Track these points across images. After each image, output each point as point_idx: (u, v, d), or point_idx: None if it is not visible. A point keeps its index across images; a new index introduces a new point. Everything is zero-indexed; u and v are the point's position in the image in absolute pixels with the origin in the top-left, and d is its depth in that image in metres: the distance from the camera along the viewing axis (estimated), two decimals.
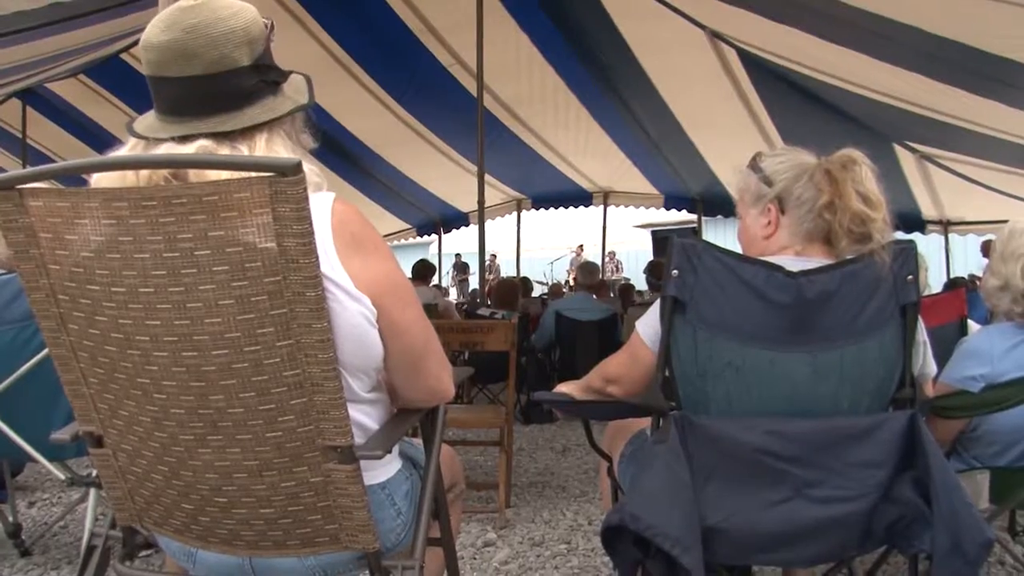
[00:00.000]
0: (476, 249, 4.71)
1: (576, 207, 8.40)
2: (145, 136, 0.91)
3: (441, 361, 1.02)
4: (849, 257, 1.10)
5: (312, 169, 0.88)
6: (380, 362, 0.94)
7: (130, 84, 4.63)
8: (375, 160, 6.63)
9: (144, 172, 0.85)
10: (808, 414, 1.07)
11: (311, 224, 0.79)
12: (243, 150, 0.88)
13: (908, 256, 1.08)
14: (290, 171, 0.77)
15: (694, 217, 8.16)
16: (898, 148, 5.03)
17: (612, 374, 1.26)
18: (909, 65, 3.41)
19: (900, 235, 1.14)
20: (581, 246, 13.46)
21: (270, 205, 0.78)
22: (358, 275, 0.87)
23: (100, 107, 5.30)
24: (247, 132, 0.89)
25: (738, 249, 1.24)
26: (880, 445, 1.06)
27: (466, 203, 8.18)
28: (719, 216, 7.61)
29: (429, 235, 9.80)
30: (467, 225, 9.07)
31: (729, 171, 1.28)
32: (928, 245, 3.89)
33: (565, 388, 1.41)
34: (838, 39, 3.42)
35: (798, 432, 1.06)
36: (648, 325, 1.19)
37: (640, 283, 9.21)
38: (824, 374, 1.06)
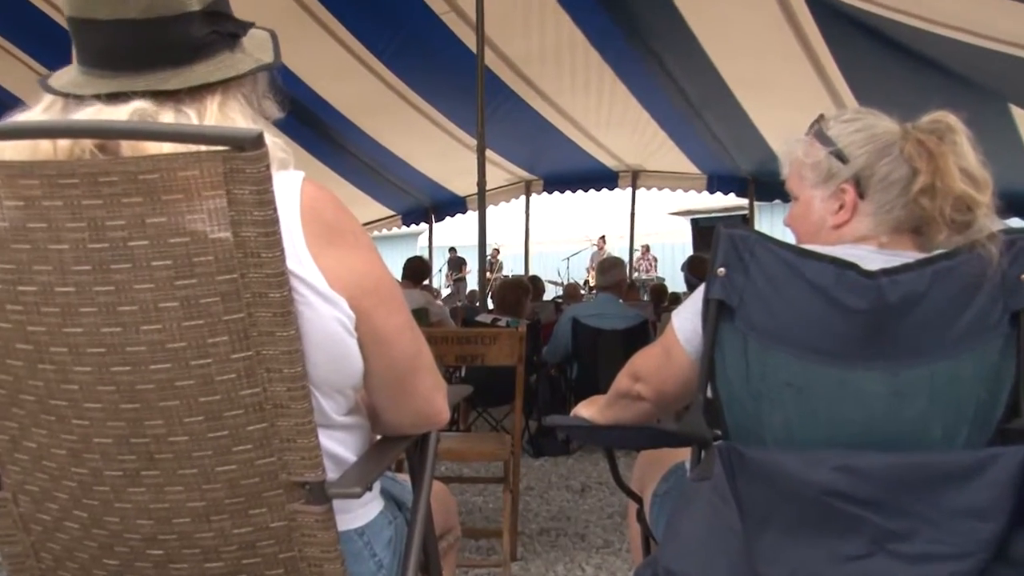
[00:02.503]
0: (475, 242, 4.72)
1: (598, 190, 8.43)
2: (64, 93, 0.88)
3: (433, 378, 1.03)
4: (943, 251, 1.09)
5: (277, 143, 0.88)
6: (359, 379, 0.94)
7: (51, 41, 4.64)
8: (352, 132, 6.65)
9: (63, 142, 0.84)
10: (889, 446, 1.06)
11: (275, 210, 0.79)
12: (191, 116, 0.88)
13: (1022, 250, 1.07)
14: (249, 144, 0.77)
15: (744, 202, 8.17)
16: (1016, 110, 4.79)
17: (641, 369, 1.27)
18: None
19: (1015, 222, 1.12)
20: (603, 238, 13.48)
21: (224, 186, 0.78)
22: (333, 272, 0.87)
23: (7, 67, 5.29)
24: (196, 93, 0.88)
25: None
26: (988, 489, 1.04)
27: (463, 185, 8.21)
28: (776, 201, 7.61)
29: (418, 224, 9.84)
30: (464, 212, 9.11)
31: (784, 141, 1.27)
32: None
33: (585, 411, 1.41)
34: None
35: (876, 469, 1.05)
36: (686, 319, 1.18)
37: (677, 284, 9.19)
38: (909, 397, 1.05)
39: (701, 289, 1.13)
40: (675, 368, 1.20)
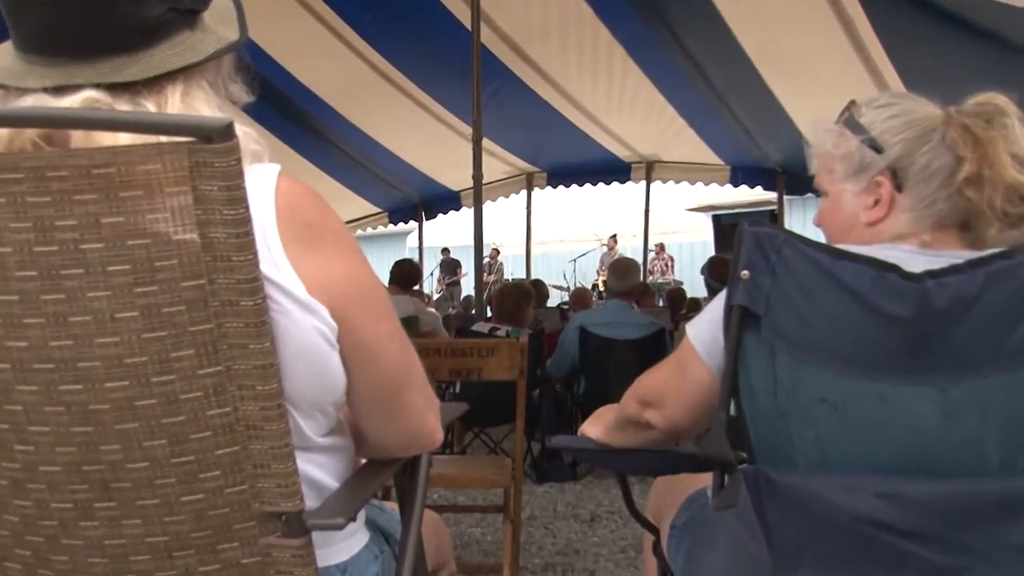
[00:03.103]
0: (470, 242, 4.73)
1: (608, 183, 8.47)
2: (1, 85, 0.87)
3: (425, 394, 1.03)
4: (998, 250, 1.08)
5: (248, 133, 0.88)
6: (342, 396, 0.94)
7: None
8: (333, 120, 6.68)
9: (3, 132, 0.83)
10: (938, 472, 1.05)
11: (247, 208, 0.79)
12: (150, 109, 0.87)
13: None
14: (218, 135, 0.77)
15: (773, 196, 8.20)
16: None
17: (651, 393, 1.27)
18: None
19: None
20: (614, 237, 13.50)
21: (190, 181, 0.78)
22: (313, 277, 0.87)
23: None
24: (154, 83, 0.88)
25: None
26: None
27: (457, 179, 8.22)
28: (808, 195, 7.61)
29: (406, 222, 9.87)
30: (458, 209, 9.15)
31: (813, 130, 1.27)
32: None
33: (591, 430, 1.41)
34: None
35: (924, 497, 1.04)
36: (703, 329, 1.19)
37: (696, 288, 9.19)
38: (960, 416, 1.05)
39: (721, 296, 1.13)
40: (692, 387, 1.19)
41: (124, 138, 0.82)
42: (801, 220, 13.54)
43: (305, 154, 7.04)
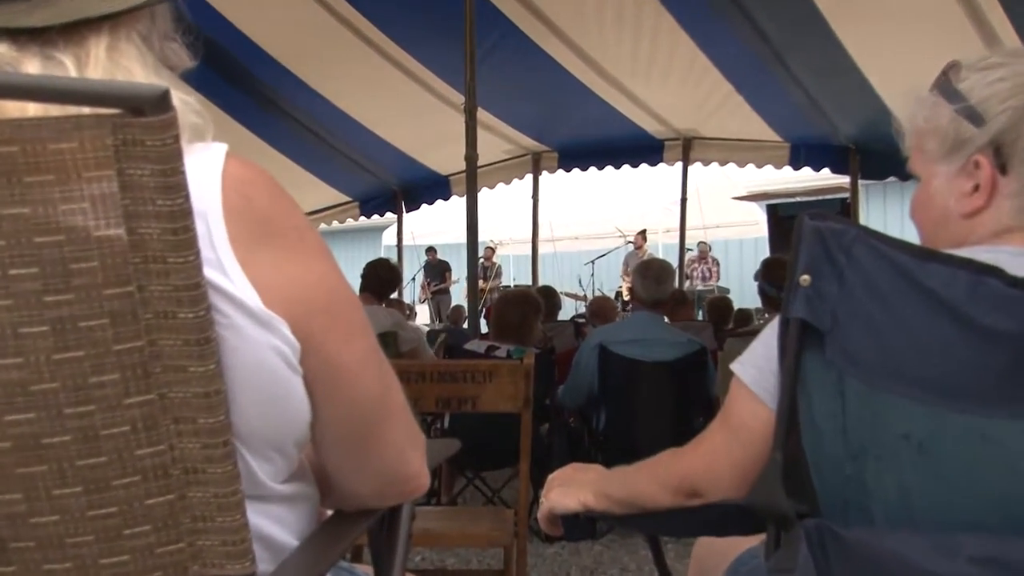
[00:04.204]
0: (462, 239, 4.73)
1: (635, 166, 8.48)
2: None
3: (407, 430, 1.04)
4: None
5: (188, 103, 0.89)
6: (305, 431, 0.95)
7: None
8: (292, 87, 6.69)
9: None
10: None
11: (187, 198, 0.80)
12: (67, 66, 0.88)
13: None
14: (151, 106, 0.78)
15: (845, 180, 8.18)
16: None
17: (693, 476, 1.25)
18: None
19: None
20: (643, 233, 13.51)
21: (115, 164, 0.78)
22: (270, 284, 0.88)
23: None
24: (73, 33, 0.88)
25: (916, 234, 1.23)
26: None
27: (445, 160, 8.24)
28: (891, 178, 7.60)
29: (382, 214, 9.89)
30: (447, 198, 9.17)
31: (903, 101, 1.27)
32: None
33: (582, 492, 1.39)
34: None
35: None
36: (752, 365, 1.19)
37: (747, 296, 9.17)
38: None
39: (773, 325, 1.12)
40: (756, 449, 1.18)
41: (32, 108, 0.82)
42: (881, 211, 13.56)
43: (256, 129, 7.05)
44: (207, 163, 0.87)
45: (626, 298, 12.19)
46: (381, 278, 5.28)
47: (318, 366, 0.92)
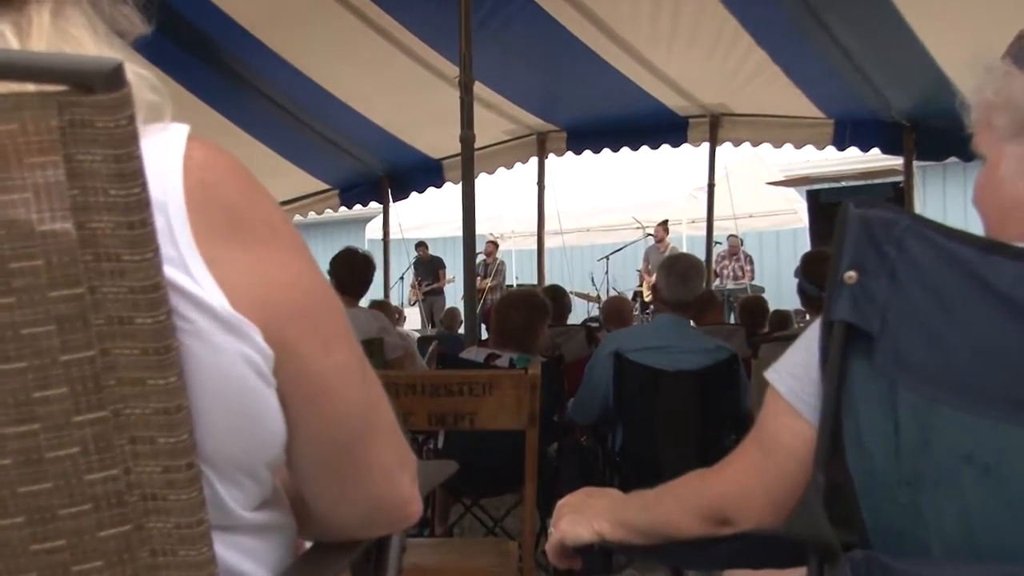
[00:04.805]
0: (458, 232, 4.73)
1: (655, 146, 8.47)
2: None
3: (396, 450, 1.04)
4: None
5: (144, 78, 0.89)
6: (279, 452, 0.95)
7: None
8: (262, 59, 6.69)
9: None
10: None
11: (145, 187, 0.80)
12: (6, 36, 0.88)
13: None
14: (101, 82, 0.78)
15: (898, 162, 8.13)
16: None
17: (723, 501, 1.26)
18: None
19: None
20: (666, 224, 13.49)
21: (61, 150, 0.78)
22: (240, 285, 0.88)
23: None
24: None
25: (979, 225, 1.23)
26: None
27: (438, 142, 8.25)
28: (951, 159, 7.54)
29: (365, 204, 9.89)
30: (439, 185, 9.16)
31: (969, 70, 1.27)
32: None
33: (597, 520, 1.39)
34: None
35: None
36: (789, 374, 1.20)
37: (785, 296, 9.15)
38: None
39: (814, 328, 1.12)
40: (792, 469, 1.19)
41: None
42: (940, 197, 13.47)
43: (220, 108, 7.05)
44: (166, 147, 0.87)
45: (647, 298, 12.19)
46: (356, 273, 5.06)
47: (294, 377, 0.92)
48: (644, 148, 8.47)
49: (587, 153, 8.70)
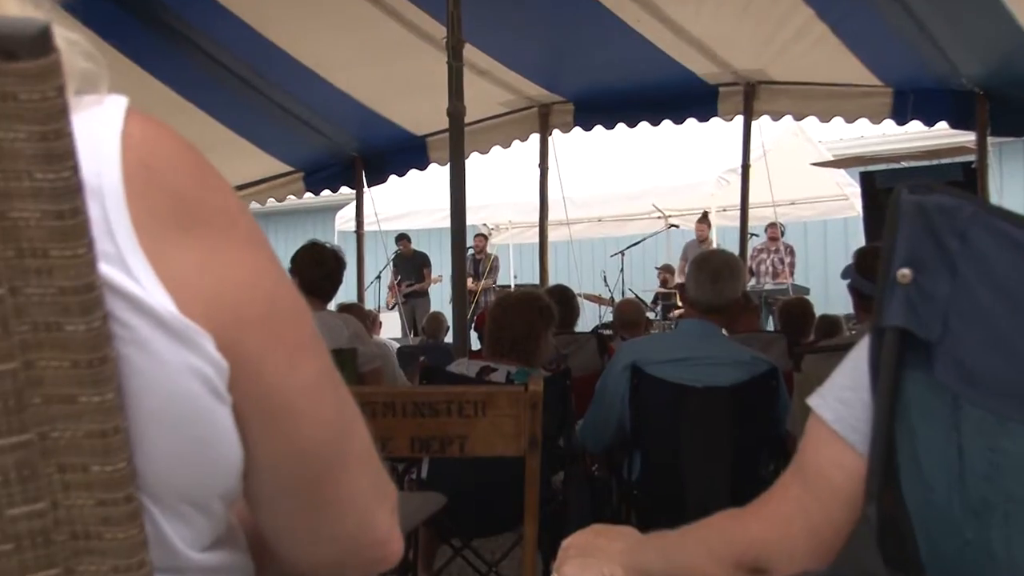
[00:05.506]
0: (445, 223, 4.73)
1: (679, 121, 8.48)
2: None
3: (372, 480, 1.04)
4: None
5: (74, 43, 0.89)
6: (235, 481, 0.95)
7: None
8: (212, 17, 6.69)
9: None
10: None
11: (75, 170, 0.80)
12: None
13: None
14: (25, 47, 0.78)
15: (969, 138, 8.12)
16: None
17: (764, 547, 1.26)
18: None
19: None
20: (707, 218, 13.48)
21: None
22: (188, 285, 0.88)
23: None
24: None
25: None
26: None
27: (422, 116, 8.27)
28: None
29: (335, 190, 9.91)
30: (423, 167, 9.17)
31: None
32: None
33: (608, 565, 1.40)
34: None
35: None
36: (835, 398, 1.21)
37: (835, 299, 9.16)
38: None
39: (864, 345, 1.12)
40: (837, 507, 1.19)
41: None
42: (1019, 179, 13.48)
43: (163, 77, 7.07)
44: (101, 123, 0.87)
45: (668, 299, 12.18)
46: (323, 271, 5.02)
47: (253, 394, 0.92)
48: (666, 123, 8.47)
49: (598, 129, 8.71)
